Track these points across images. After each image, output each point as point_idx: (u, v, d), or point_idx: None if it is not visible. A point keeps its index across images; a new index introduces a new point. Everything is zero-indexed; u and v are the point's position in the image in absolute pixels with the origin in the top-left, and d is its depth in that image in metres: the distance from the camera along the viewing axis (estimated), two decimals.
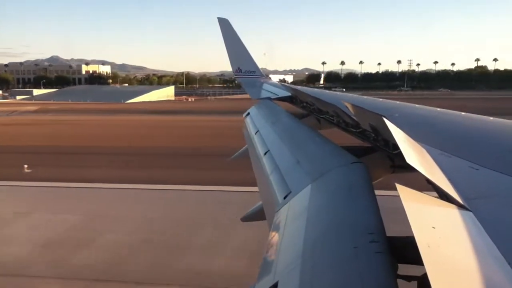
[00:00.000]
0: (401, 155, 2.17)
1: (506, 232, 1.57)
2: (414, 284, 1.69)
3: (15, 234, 13.11)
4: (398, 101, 5.36)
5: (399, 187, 1.69)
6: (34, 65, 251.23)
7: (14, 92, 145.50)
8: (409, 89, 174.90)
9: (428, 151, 2.58)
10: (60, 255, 11.43)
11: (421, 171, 2.01)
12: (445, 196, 1.89)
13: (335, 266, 1.65)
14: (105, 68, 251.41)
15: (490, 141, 2.84)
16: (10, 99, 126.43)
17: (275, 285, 1.69)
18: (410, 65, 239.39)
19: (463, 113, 3.85)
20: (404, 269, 1.68)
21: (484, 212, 1.68)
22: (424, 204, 1.74)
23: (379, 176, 3.81)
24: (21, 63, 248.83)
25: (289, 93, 9.22)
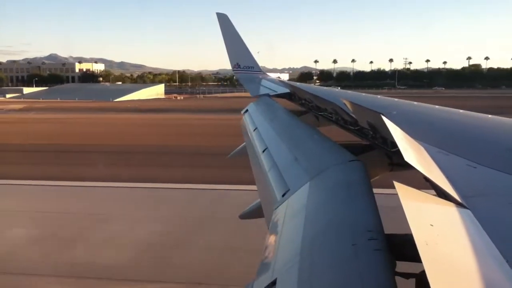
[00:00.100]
0: (399, 153, 2.17)
1: (504, 230, 1.57)
2: (412, 281, 1.69)
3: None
4: (396, 99, 5.35)
5: (397, 185, 1.69)
6: (27, 63, 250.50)
7: (3, 90, 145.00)
8: (405, 87, 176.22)
9: (426, 149, 2.58)
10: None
11: (419, 169, 2.01)
12: (443, 194, 1.89)
13: (333, 263, 1.65)
14: (98, 66, 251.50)
15: (488, 139, 2.85)
16: None
17: (274, 283, 1.69)
18: (406, 63, 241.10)
19: (461, 111, 3.85)
20: (402, 266, 1.68)
21: (482, 210, 1.68)
22: (422, 202, 1.74)
23: (377, 174, 3.82)
24: (14, 61, 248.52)
25: (287, 90, 9.21)
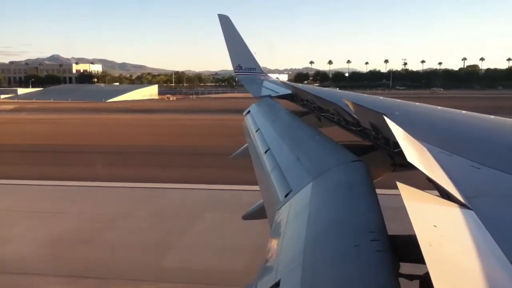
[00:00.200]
0: (401, 154, 2.17)
1: (507, 230, 1.57)
2: (416, 283, 1.68)
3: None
4: (398, 99, 5.34)
5: (400, 185, 1.68)
6: (25, 64, 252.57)
7: None
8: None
9: (428, 150, 2.57)
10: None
11: (421, 169, 2.01)
12: (446, 194, 1.89)
13: (336, 264, 1.65)
14: (96, 67, 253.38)
15: (491, 140, 2.84)
16: None
17: (277, 284, 1.69)
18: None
19: (463, 111, 3.84)
20: (406, 267, 1.68)
21: (485, 210, 1.68)
22: (425, 202, 1.74)
23: (380, 174, 3.81)
24: (12, 62, 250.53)
25: (289, 91, 9.21)
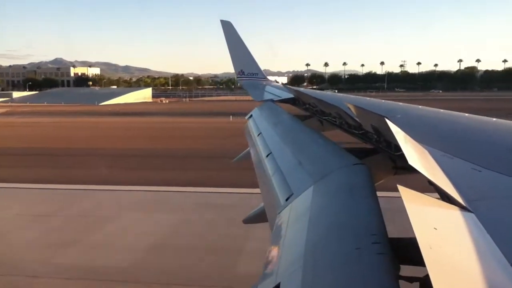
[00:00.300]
0: (403, 157, 2.17)
1: (508, 233, 1.57)
2: (416, 285, 1.69)
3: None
4: (401, 103, 5.35)
5: (400, 188, 1.69)
6: (23, 67, 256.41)
7: None
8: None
9: (430, 153, 2.57)
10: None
11: (423, 172, 2.01)
12: (447, 197, 1.89)
13: (337, 267, 1.65)
14: (93, 70, 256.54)
15: (493, 143, 2.83)
16: None
17: (277, 287, 1.69)
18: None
19: (465, 114, 3.84)
20: (406, 270, 1.68)
21: (486, 213, 1.68)
22: (426, 205, 1.74)
23: (381, 177, 3.81)
24: (10, 66, 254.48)
25: (291, 95, 9.22)
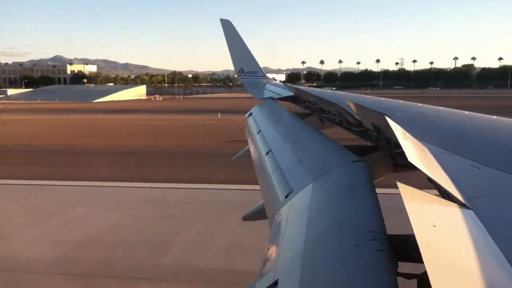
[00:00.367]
0: (403, 154, 2.18)
1: (507, 231, 1.57)
2: (414, 282, 1.69)
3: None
4: (400, 100, 5.35)
5: (400, 185, 1.69)
6: (19, 64, 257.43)
7: None
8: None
9: (430, 150, 2.57)
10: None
11: (422, 169, 2.01)
12: (446, 194, 1.89)
13: (335, 264, 1.65)
14: (90, 67, 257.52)
15: (492, 140, 2.83)
16: None
17: (275, 283, 1.69)
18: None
19: (465, 112, 3.84)
20: (404, 267, 1.68)
21: (485, 211, 1.68)
22: (425, 202, 1.74)
23: (381, 175, 3.81)
24: (7, 63, 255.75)
25: (291, 93, 9.22)
